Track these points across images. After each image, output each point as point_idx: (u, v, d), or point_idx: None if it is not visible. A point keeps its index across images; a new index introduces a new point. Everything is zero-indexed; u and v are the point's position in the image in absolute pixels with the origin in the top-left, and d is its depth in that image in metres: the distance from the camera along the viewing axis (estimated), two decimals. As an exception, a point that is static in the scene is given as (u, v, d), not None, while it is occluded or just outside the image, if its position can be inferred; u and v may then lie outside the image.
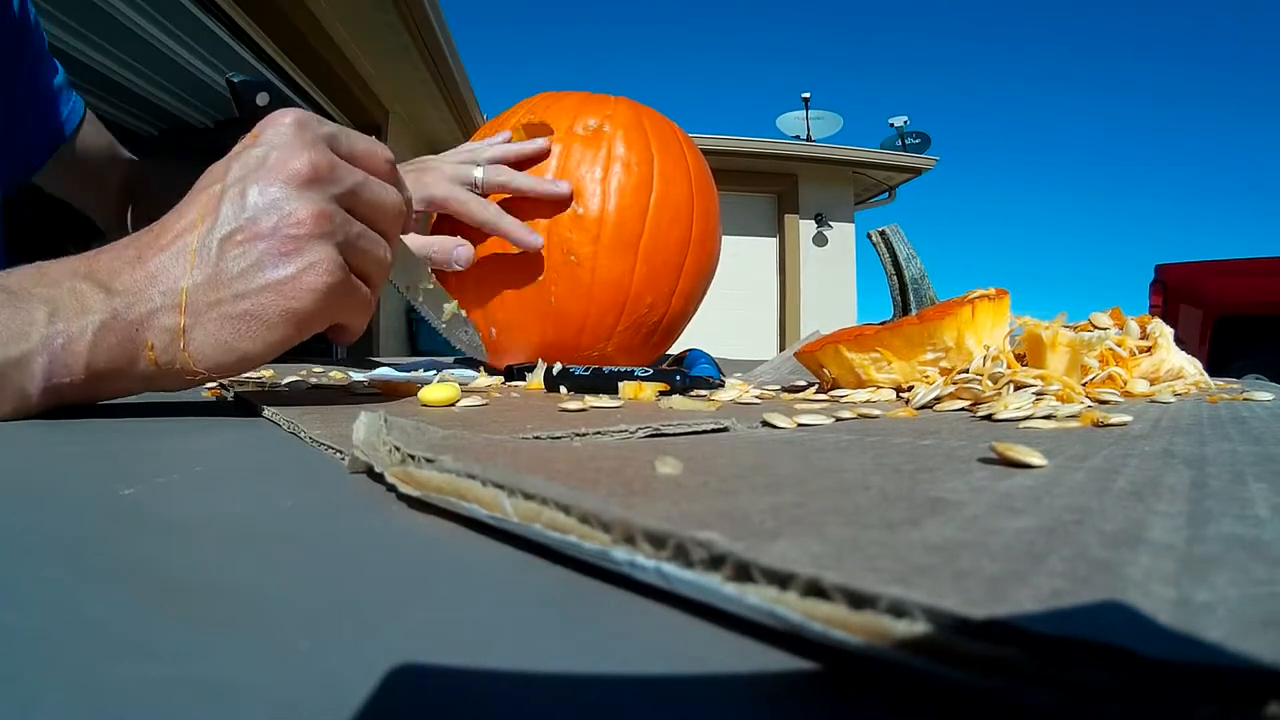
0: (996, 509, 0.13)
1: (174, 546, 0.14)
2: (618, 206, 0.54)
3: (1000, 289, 0.41)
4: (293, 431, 0.27)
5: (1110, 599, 0.09)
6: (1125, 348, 0.40)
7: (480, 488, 0.14)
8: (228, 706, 0.08)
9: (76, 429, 0.29)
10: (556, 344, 0.56)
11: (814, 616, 0.09)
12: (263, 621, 0.10)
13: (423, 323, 3.56)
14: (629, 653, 0.10)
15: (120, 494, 0.17)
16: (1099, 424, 0.26)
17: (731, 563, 0.10)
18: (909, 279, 0.62)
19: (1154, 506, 0.14)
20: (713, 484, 0.15)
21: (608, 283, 0.54)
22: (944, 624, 0.08)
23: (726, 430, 0.27)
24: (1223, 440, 0.23)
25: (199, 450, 0.24)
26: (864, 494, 0.14)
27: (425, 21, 2.69)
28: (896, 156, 5.09)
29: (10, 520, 0.16)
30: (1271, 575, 0.10)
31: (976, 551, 0.10)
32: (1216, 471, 0.17)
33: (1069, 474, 0.17)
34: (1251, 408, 0.34)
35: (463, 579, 0.12)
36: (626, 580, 0.11)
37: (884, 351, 0.40)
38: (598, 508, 0.12)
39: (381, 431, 0.18)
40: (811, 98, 5.40)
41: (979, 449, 0.21)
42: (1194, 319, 3.22)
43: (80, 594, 0.11)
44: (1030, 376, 0.34)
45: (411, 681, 0.08)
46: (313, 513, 0.17)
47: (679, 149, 0.59)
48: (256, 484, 0.20)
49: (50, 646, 0.09)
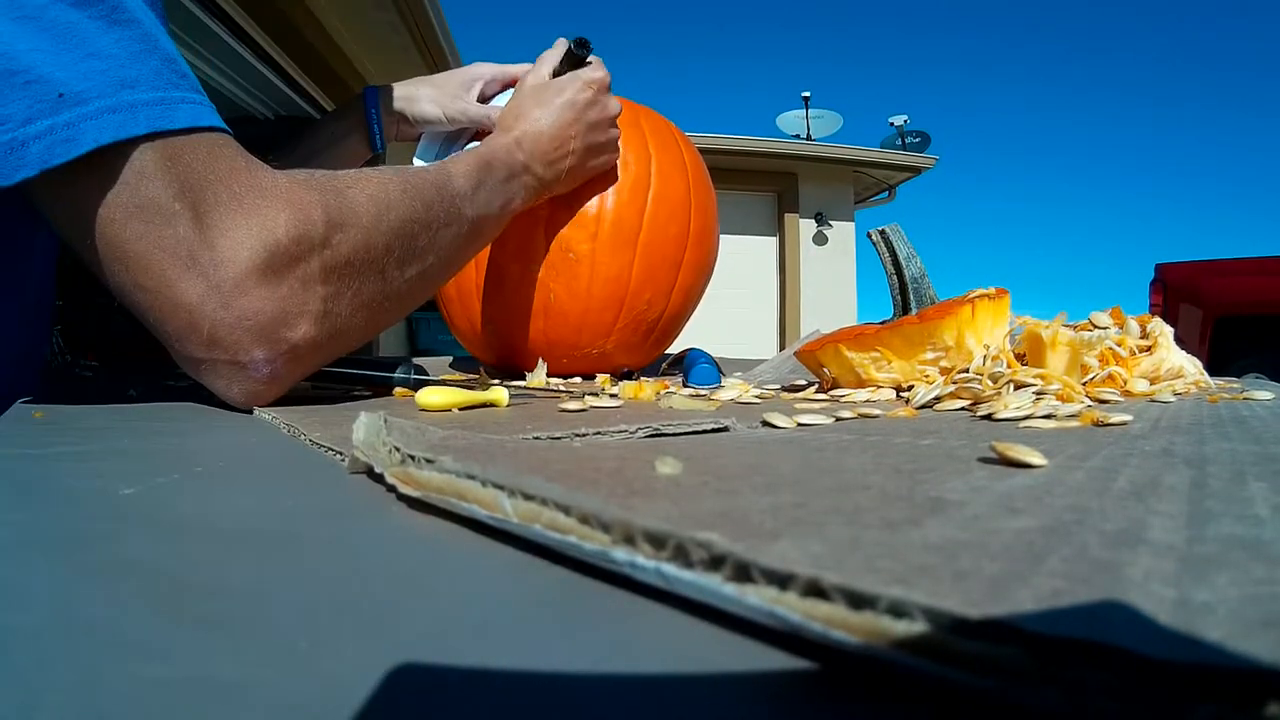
0: (996, 509, 0.13)
1: (174, 546, 0.14)
2: (615, 204, 0.54)
3: (1000, 289, 0.41)
4: (292, 433, 0.27)
5: (1110, 599, 0.09)
6: (1125, 347, 0.40)
7: (480, 488, 0.14)
8: (228, 706, 0.08)
9: (77, 429, 0.29)
10: (556, 341, 0.56)
11: (814, 617, 0.09)
12: (263, 621, 0.10)
13: (422, 322, 3.56)
14: (629, 653, 0.10)
15: (120, 494, 0.17)
16: (1099, 423, 0.26)
17: (731, 563, 0.10)
18: (909, 278, 0.62)
19: (1154, 506, 0.14)
20: (713, 484, 0.15)
21: (606, 279, 0.54)
22: (943, 624, 0.08)
23: (726, 430, 0.27)
24: (1223, 440, 0.23)
25: (199, 450, 0.24)
26: (864, 494, 0.14)
27: (425, 21, 2.69)
28: (896, 155, 5.09)
29: (10, 520, 0.16)
30: (1271, 575, 0.10)
31: (976, 551, 0.10)
32: (1216, 471, 0.17)
33: (1069, 474, 0.17)
34: (1251, 407, 0.34)
35: (463, 579, 0.12)
36: (626, 580, 0.11)
37: (884, 351, 0.40)
38: (598, 508, 0.12)
39: (381, 432, 0.18)
40: (811, 97, 5.39)
41: (979, 449, 0.21)
42: (1194, 318, 3.21)
43: (80, 594, 0.11)
44: (1030, 376, 0.34)
45: (411, 681, 0.08)
46: (313, 513, 0.17)
47: (676, 147, 0.59)
48: (256, 484, 0.20)
49: (50, 646, 0.09)
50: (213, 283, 0.31)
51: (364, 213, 0.35)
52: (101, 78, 0.29)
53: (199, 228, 0.31)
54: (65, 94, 0.28)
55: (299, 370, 0.35)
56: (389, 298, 0.37)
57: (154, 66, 0.31)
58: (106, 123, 0.29)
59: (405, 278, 0.38)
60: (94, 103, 0.29)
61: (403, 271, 0.37)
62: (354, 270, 0.35)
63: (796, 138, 5.34)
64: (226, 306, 0.31)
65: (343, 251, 0.34)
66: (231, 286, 0.31)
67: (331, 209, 0.34)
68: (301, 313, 0.33)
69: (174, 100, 0.31)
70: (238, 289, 0.31)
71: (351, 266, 0.34)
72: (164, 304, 0.31)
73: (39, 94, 0.28)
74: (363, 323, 0.36)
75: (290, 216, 0.32)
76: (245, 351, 0.32)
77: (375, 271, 0.36)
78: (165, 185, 0.30)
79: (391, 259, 0.36)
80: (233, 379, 0.33)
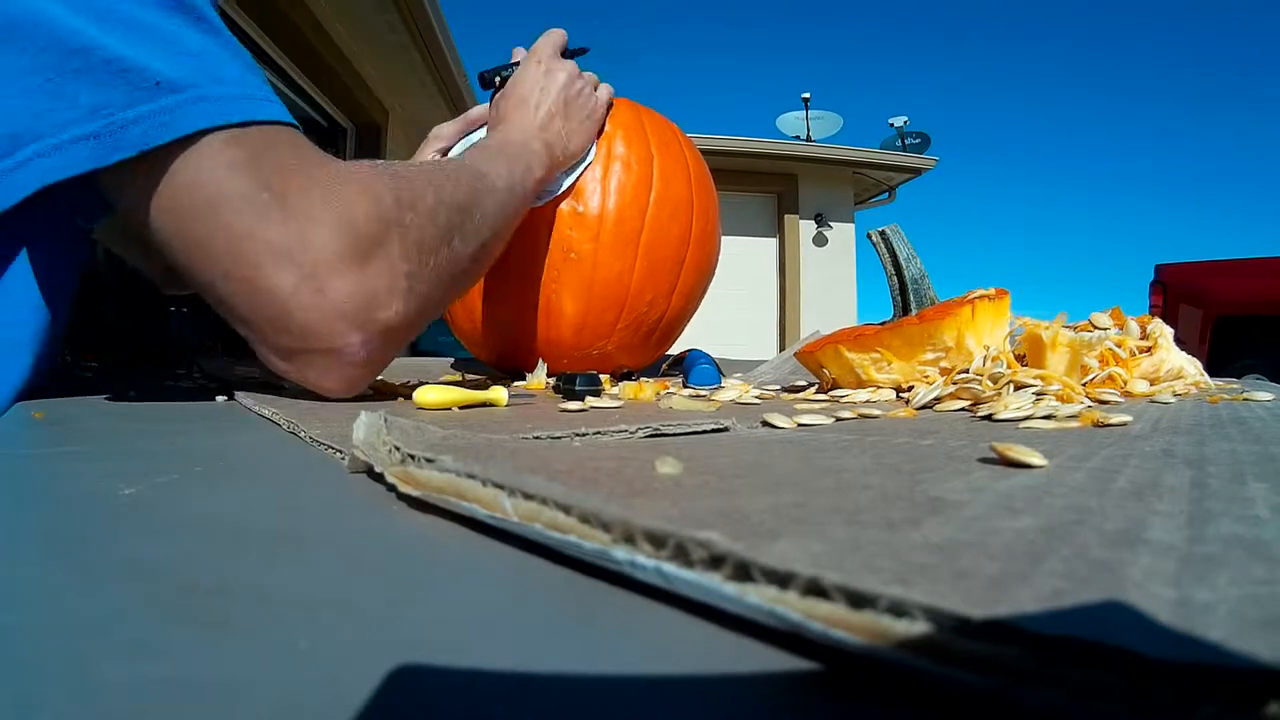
0: (996, 509, 0.13)
1: (174, 546, 0.14)
2: (618, 204, 0.54)
3: (1000, 289, 0.41)
4: (292, 431, 0.27)
5: (1110, 599, 0.09)
6: (1125, 348, 0.40)
7: (480, 487, 0.14)
8: (228, 706, 0.08)
9: (77, 429, 0.29)
10: (557, 342, 0.56)
11: (814, 616, 0.09)
12: (263, 621, 0.10)
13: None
14: (629, 653, 0.10)
15: (120, 494, 0.17)
16: (1099, 424, 0.26)
17: (731, 562, 0.10)
18: (909, 279, 0.62)
19: (1154, 506, 0.14)
20: (713, 484, 0.15)
21: (608, 280, 0.54)
22: (944, 624, 0.08)
23: (726, 430, 0.27)
24: (1223, 440, 0.23)
25: (199, 450, 0.24)
26: (864, 494, 0.14)
27: (425, 21, 2.69)
28: (896, 156, 5.09)
29: (10, 520, 0.16)
30: (1271, 575, 0.10)
31: (976, 551, 0.10)
32: (1216, 471, 0.17)
33: (1069, 474, 0.17)
34: (1251, 408, 0.34)
35: (463, 579, 0.12)
36: (626, 580, 0.11)
37: (884, 351, 0.40)
38: (598, 507, 0.12)
39: (381, 431, 0.18)
40: (811, 98, 5.40)
41: (979, 449, 0.21)
42: (1194, 319, 3.21)
43: (80, 594, 0.11)
44: (1030, 376, 0.34)
45: (411, 681, 0.08)
46: (313, 512, 0.17)
47: (678, 148, 0.59)
48: (256, 484, 0.20)
49: (50, 646, 0.09)
50: (305, 271, 0.31)
51: (427, 194, 0.37)
52: (194, 72, 0.30)
53: (286, 216, 0.31)
54: (162, 82, 0.29)
55: (391, 351, 0.36)
56: (459, 272, 0.40)
57: (240, 67, 0.32)
58: (202, 110, 0.30)
59: (470, 251, 0.40)
60: (189, 91, 0.30)
61: (466, 245, 0.40)
62: (428, 247, 0.36)
63: (796, 139, 5.34)
64: (320, 293, 0.32)
65: (416, 230, 0.35)
66: (325, 272, 0.32)
67: (400, 191, 0.35)
68: (391, 291, 0.34)
69: (259, 98, 0.32)
70: (331, 274, 0.32)
71: (425, 243, 0.36)
72: (256, 295, 0.32)
73: (137, 81, 0.29)
74: (440, 296, 0.38)
75: (368, 201, 0.33)
76: (341, 337, 0.33)
77: (445, 246, 0.38)
78: (254, 176, 0.31)
79: (456, 234, 0.38)
80: (328, 368, 0.34)
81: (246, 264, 0.31)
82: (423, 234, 0.36)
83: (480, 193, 0.42)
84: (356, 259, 0.32)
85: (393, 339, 0.35)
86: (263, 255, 0.31)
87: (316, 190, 0.32)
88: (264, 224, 0.31)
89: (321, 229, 0.32)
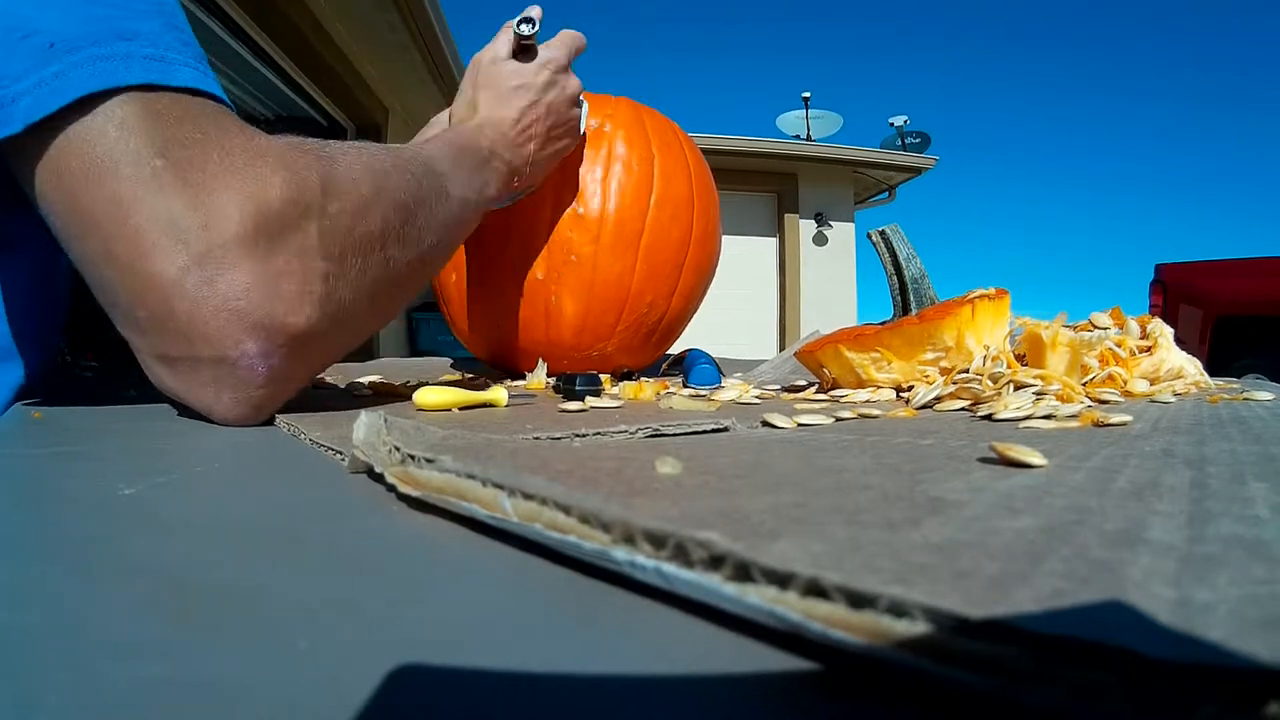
0: (996, 509, 0.13)
1: (174, 546, 0.14)
2: (618, 206, 0.54)
3: (1000, 289, 0.41)
4: (293, 433, 0.27)
5: (1110, 599, 0.09)
6: (1125, 347, 0.40)
7: (480, 488, 0.14)
8: (227, 707, 0.08)
9: (77, 429, 0.29)
10: (557, 343, 0.56)
11: (814, 616, 0.09)
12: (263, 621, 0.10)
13: (422, 322, 3.56)
14: (629, 653, 0.10)
15: (120, 494, 0.17)
16: (1099, 424, 0.26)
17: (731, 563, 0.10)
18: (909, 279, 0.62)
19: (1154, 506, 0.14)
20: (713, 484, 0.15)
21: (608, 282, 0.54)
22: (944, 624, 0.08)
23: (726, 430, 0.27)
24: (1223, 440, 0.23)
25: (199, 450, 0.24)
26: (864, 494, 0.14)
27: (425, 21, 2.69)
28: (896, 156, 5.09)
29: (10, 520, 0.16)
30: (1271, 575, 0.10)
31: (976, 551, 0.10)
32: (1216, 471, 0.17)
33: (1069, 474, 0.17)
34: (1251, 407, 0.34)
35: (463, 579, 0.12)
36: (626, 580, 0.11)
37: (884, 351, 0.40)
38: (598, 508, 0.12)
39: (381, 432, 0.18)
40: (811, 97, 5.40)
41: (979, 449, 0.21)
42: (1194, 319, 3.21)
43: (80, 594, 0.11)
44: (1030, 376, 0.34)
45: (411, 681, 0.08)
46: (313, 513, 0.17)
47: (679, 149, 0.59)
48: (256, 484, 0.20)
49: (50, 646, 0.09)
50: (194, 252, 0.26)
51: (362, 182, 0.31)
52: (99, 25, 0.27)
53: (182, 187, 0.26)
54: (56, 43, 0.26)
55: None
56: (394, 282, 0.33)
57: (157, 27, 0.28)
58: (96, 70, 0.26)
59: (407, 259, 0.34)
60: (85, 50, 0.26)
61: (404, 252, 0.33)
62: (356, 246, 0.30)
63: (796, 138, 5.34)
64: (210, 284, 0.26)
65: (342, 223, 0.30)
66: (218, 255, 0.26)
67: (326, 175, 0.30)
68: (303, 293, 0.28)
69: (174, 61, 0.28)
70: (225, 259, 0.26)
71: (353, 241, 0.30)
72: (135, 280, 0.27)
73: (33, 46, 0.26)
74: (366, 308, 0.32)
75: (285, 179, 0.28)
76: (234, 342, 0.27)
77: (378, 249, 0.32)
78: (149, 140, 0.26)
79: (392, 236, 0.32)
80: (220, 384, 0.28)
81: (128, 241, 0.26)
82: (351, 228, 0.30)
83: (432, 194, 0.36)
84: (260, 247, 0.27)
85: (302, 354, 0.29)
86: (147, 232, 0.26)
87: (225, 161, 0.27)
88: (153, 195, 0.26)
89: (222, 206, 0.26)
